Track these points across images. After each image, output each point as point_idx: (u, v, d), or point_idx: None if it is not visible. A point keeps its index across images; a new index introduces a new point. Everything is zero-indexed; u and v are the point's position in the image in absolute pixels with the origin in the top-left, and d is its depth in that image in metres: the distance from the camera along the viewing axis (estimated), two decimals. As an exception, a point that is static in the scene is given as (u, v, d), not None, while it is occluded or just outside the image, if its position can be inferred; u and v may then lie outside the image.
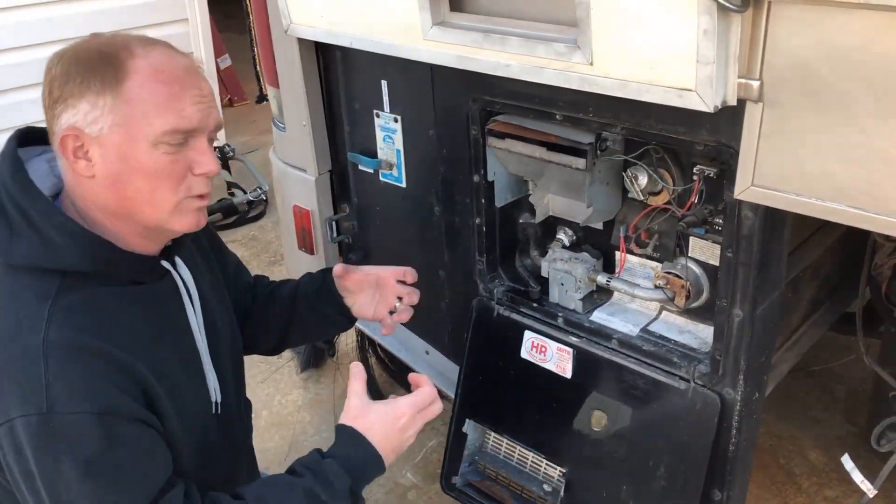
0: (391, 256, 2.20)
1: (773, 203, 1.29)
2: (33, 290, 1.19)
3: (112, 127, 1.17)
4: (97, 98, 1.16)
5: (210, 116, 1.24)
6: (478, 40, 1.51)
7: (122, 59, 1.17)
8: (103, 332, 1.20)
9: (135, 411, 1.19)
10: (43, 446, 1.13)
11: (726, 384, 1.55)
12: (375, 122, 2.00)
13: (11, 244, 1.20)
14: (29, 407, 1.12)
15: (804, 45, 1.16)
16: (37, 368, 1.13)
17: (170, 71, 1.19)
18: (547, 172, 1.69)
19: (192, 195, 1.25)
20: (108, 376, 1.17)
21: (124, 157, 1.19)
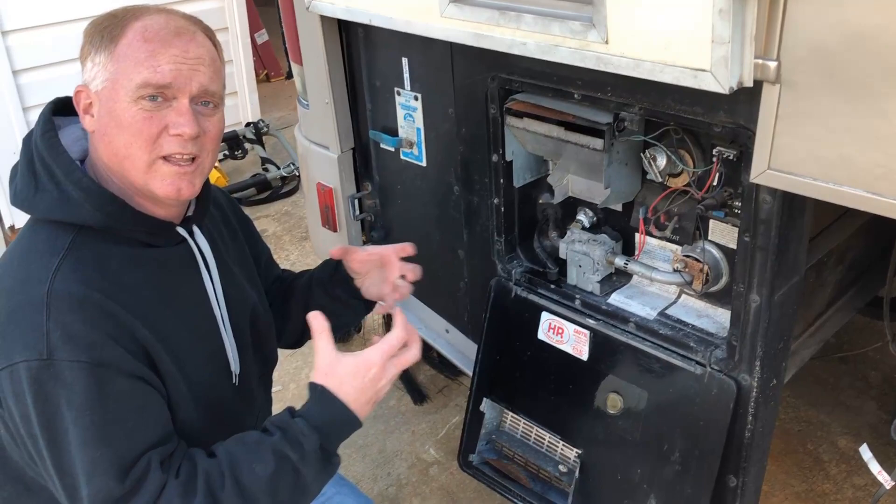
0: (412, 235, 2.20)
1: (789, 187, 1.26)
2: (48, 242, 1.26)
3: (104, 82, 1.26)
4: (96, 55, 1.26)
5: (192, 79, 1.26)
6: (494, 18, 1.49)
7: (124, 22, 1.26)
8: (107, 287, 1.24)
9: (131, 367, 1.23)
10: (41, 391, 1.18)
11: (743, 370, 1.53)
12: (396, 100, 1.99)
13: (35, 198, 1.28)
14: (31, 352, 1.17)
15: (823, 26, 1.13)
16: (39, 316, 1.18)
17: (156, 30, 1.26)
18: (565, 152, 1.67)
19: (163, 154, 1.26)
20: (107, 330, 1.21)
21: (110, 112, 1.26)
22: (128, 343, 1.23)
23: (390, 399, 2.90)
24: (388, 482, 2.57)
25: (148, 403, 1.25)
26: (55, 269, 1.22)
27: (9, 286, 1.24)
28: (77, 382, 1.18)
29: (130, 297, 1.27)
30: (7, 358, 1.19)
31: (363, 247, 1.64)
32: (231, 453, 1.28)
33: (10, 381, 1.19)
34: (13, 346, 1.19)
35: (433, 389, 2.92)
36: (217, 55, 1.34)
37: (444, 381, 2.94)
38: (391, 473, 2.61)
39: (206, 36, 1.32)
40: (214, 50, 1.33)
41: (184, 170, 1.28)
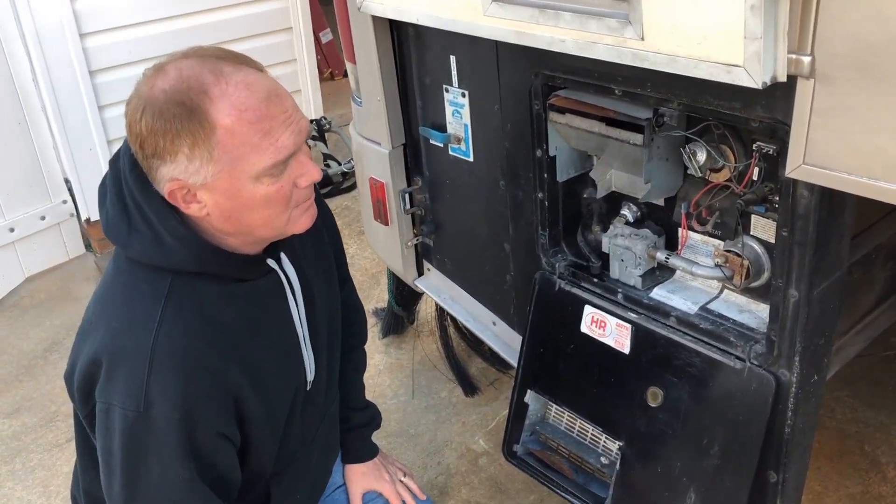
0: (460, 229, 2.25)
1: (824, 182, 1.26)
2: (148, 285, 1.31)
3: (214, 175, 1.23)
4: (191, 153, 1.21)
5: (301, 131, 1.28)
6: (534, 16, 1.52)
7: (204, 109, 1.19)
8: (206, 332, 1.32)
9: (217, 426, 1.33)
10: (132, 438, 1.28)
11: (782, 365, 1.52)
12: (444, 97, 2.04)
13: (130, 238, 1.30)
14: (129, 401, 1.26)
15: (858, 20, 1.12)
16: (142, 368, 1.26)
17: (254, 107, 1.21)
18: (607, 148, 1.69)
19: (300, 204, 1.33)
20: (202, 388, 1.30)
21: (233, 196, 1.26)
22: (220, 396, 1.33)
23: (441, 391, 2.96)
24: (437, 471, 2.63)
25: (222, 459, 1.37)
26: (160, 319, 1.28)
27: (116, 326, 1.30)
28: (169, 435, 1.27)
29: (226, 337, 1.35)
30: (106, 397, 1.28)
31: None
32: None
33: (105, 417, 1.30)
34: (115, 388, 1.28)
35: (484, 382, 2.97)
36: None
37: (496, 373, 2.98)
38: (441, 463, 2.66)
39: (266, 73, 1.30)
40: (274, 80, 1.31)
41: (309, 202, 1.36)
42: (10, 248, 3.74)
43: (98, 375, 1.29)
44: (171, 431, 1.28)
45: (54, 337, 3.50)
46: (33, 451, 2.90)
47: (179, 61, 1.24)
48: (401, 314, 3.12)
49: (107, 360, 1.28)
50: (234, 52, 1.29)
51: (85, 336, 1.35)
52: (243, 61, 1.27)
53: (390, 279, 2.99)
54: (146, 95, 1.21)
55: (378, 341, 3.23)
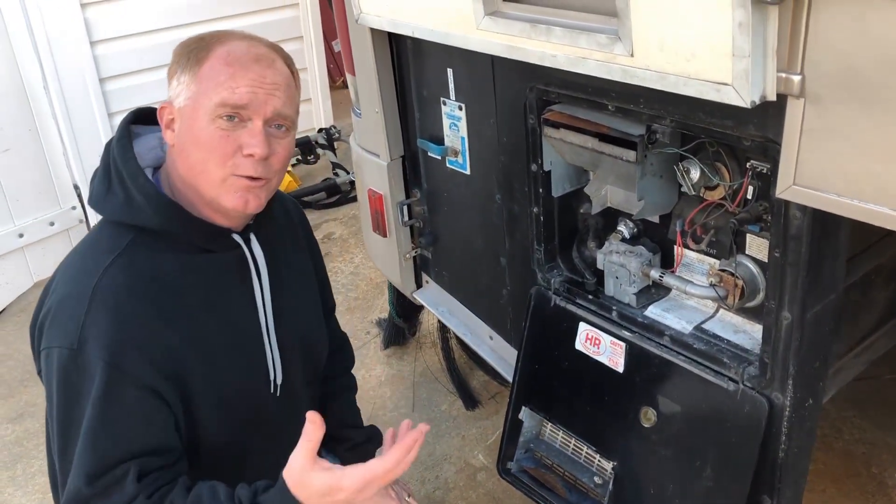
0: (457, 241, 2.23)
1: (815, 203, 1.23)
2: (109, 240, 1.37)
3: (186, 100, 1.34)
4: (182, 74, 1.35)
5: (267, 103, 1.34)
6: (526, 30, 1.50)
7: (210, 45, 1.35)
8: (152, 289, 1.35)
9: (147, 379, 1.31)
10: (66, 378, 1.29)
11: (775, 388, 1.49)
12: (442, 110, 2.03)
13: (105, 199, 1.39)
14: (65, 340, 1.28)
15: (848, 39, 1.10)
16: (81, 308, 1.29)
17: (238, 55, 1.34)
18: (602, 163, 1.67)
19: (237, 173, 1.34)
20: (135, 336, 1.31)
21: (189, 128, 1.34)
22: (154, 350, 1.32)
23: (442, 403, 2.94)
24: (435, 485, 2.61)
25: (148, 415, 1.33)
26: (107, 265, 1.33)
27: (68, 276, 1.36)
28: (95, 377, 1.27)
29: (173, 300, 1.37)
30: (48, 341, 1.31)
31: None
32: (199, 497, 1.29)
33: (46, 363, 1.32)
34: (55, 331, 1.30)
35: (485, 395, 2.95)
36: (294, 82, 1.43)
37: (497, 387, 2.96)
38: (439, 477, 2.64)
39: (284, 63, 1.41)
40: (291, 77, 1.42)
41: (253, 184, 1.36)
42: (20, 253, 3.77)
43: (42, 325, 1.34)
44: (98, 373, 1.28)
45: (60, 342, 3.51)
46: (35, 458, 2.91)
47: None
48: (402, 325, 3.10)
49: (54, 307, 1.32)
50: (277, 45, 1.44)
51: (45, 292, 1.41)
52: (280, 52, 1.42)
53: (391, 290, 2.98)
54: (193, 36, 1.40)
55: (379, 352, 3.21)
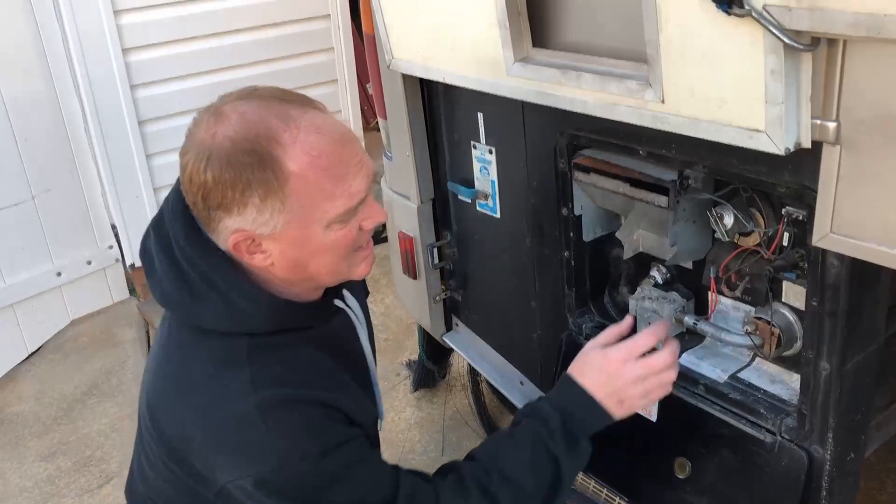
0: (488, 285, 2.22)
1: (853, 252, 1.20)
2: (226, 352, 1.23)
3: (284, 224, 1.17)
4: (263, 203, 1.14)
5: (370, 174, 1.23)
6: (556, 76, 1.50)
7: (276, 157, 1.12)
8: (305, 380, 1.26)
9: (349, 434, 1.27)
10: (284, 496, 1.21)
11: (814, 441, 1.44)
12: (472, 154, 2.03)
13: (194, 307, 1.23)
14: (260, 466, 1.19)
15: (884, 86, 1.08)
16: (257, 430, 1.19)
17: (327, 153, 1.16)
18: (634, 208, 1.65)
19: (361, 246, 1.28)
20: (322, 417, 1.24)
21: (301, 245, 1.20)
22: (339, 417, 1.27)
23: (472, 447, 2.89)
24: (464, 532, 2.55)
25: (374, 450, 1.36)
26: (251, 380, 1.21)
27: (206, 402, 1.23)
28: (318, 475, 1.22)
29: (321, 380, 1.29)
30: (236, 473, 1.21)
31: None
32: (488, 450, 1.38)
33: (243, 492, 1.22)
34: (237, 461, 1.21)
35: (516, 440, 2.90)
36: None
37: (528, 431, 2.91)
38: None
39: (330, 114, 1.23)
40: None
41: (369, 249, 1.31)
42: (57, 291, 3.83)
43: (194, 455, 1.24)
44: (318, 468, 1.20)
45: (94, 381, 3.55)
46: (66, 496, 2.92)
47: (238, 104, 1.16)
48: (432, 368, 3.08)
49: (209, 439, 1.22)
50: (294, 93, 1.22)
51: (168, 424, 1.29)
52: (306, 102, 1.21)
53: (421, 333, 2.97)
54: (209, 144, 1.13)
55: (409, 395, 3.19)
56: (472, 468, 1.35)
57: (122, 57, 3.60)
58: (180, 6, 3.72)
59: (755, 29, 1.11)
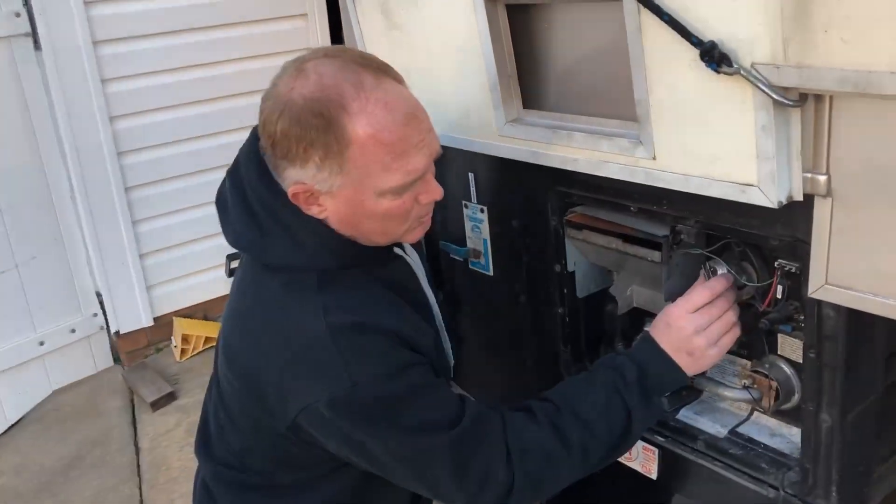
0: (482, 344, 2.21)
1: (849, 303, 1.21)
2: (296, 284, 1.30)
3: (340, 185, 1.24)
4: (322, 163, 1.21)
5: (433, 153, 1.29)
6: (547, 136, 1.53)
7: (341, 123, 1.18)
8: (371, 310, 1.31)
9: (414, 358, 1.31)
10: (358, 416, 1.26)
11: (818, 495, 1.43)
12: (464, 213, 2.05)
13: (264, 244, 1.31)
14: (334, 387, 1.23)
15: (870, 140, 1.11)
16: (330, 351, 1.24)
17: (390, 128, 1.20)
18: (626, 264, 1.66)
19: (418, 218, 1.35)
20: (389, 342, 1.29)
21: (354, 206, 1.27)
22: (404, 345, 1.31)
23: None
24: None
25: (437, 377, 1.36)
26: (322, 306, 1.27)
27: (279, 328, 1.29)
28: (389, 395, 1.26)
29: (388, 313, 1.33)
30: (302, 399, 1.26)
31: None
32: (561, 391, 1.41)
33: (315, 418, 1.26)
34: (308, 385, 1.26)
35: None
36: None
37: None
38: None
39: (406, 87, 1.28)
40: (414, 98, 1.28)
41: (427, 218, 1.38)
42: (39, 361, 3.77)
43: (282, 387, 1.28)
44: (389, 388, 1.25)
45: (77, 453, 3.46)
46: (46, 573, 2.82)
47: (321, 63, 1.22)
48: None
49: (283, 364, 1.27)
50: (376, 59, 1.27)
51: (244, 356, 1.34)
52: (385, 71, 1.25)
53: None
54: (285, 98, 1.21)
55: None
56: (543, 405, 1.38)
57: (109, 125, 3.63)
58: (167, 74, 3.77)
59: (744, 86, 1.14)
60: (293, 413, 1.27)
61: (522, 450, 1.32)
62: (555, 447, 1.34)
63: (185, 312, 4.09)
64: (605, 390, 1.37)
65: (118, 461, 3.36)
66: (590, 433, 1.35)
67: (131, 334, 3.97)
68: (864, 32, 1.00)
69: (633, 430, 1.39)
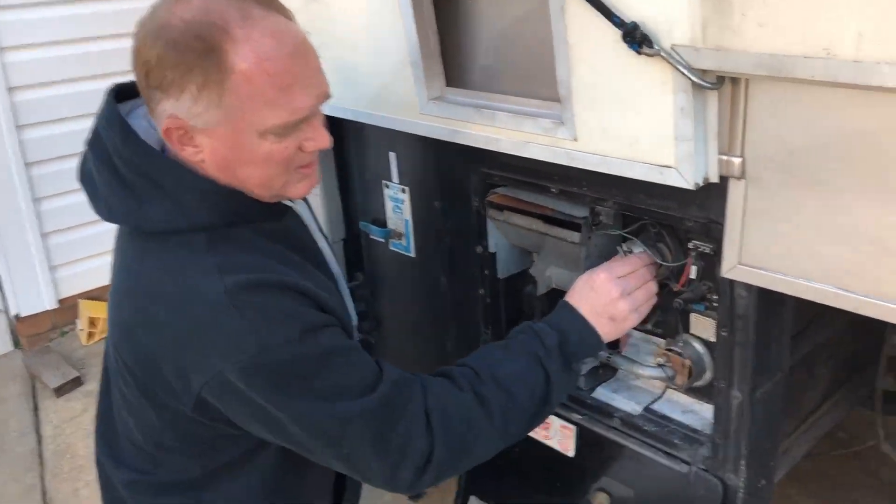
0: (402, 326, 2.19)
1: (761, 283, 1.25)
2: (186, 248, 1.20)
3: (218, 121, 1.13)
4: (199, 93, 1.11)
5: (321, 94, 1.19)
6: (470, 115, 1.52)
7: (223, 49, 1.09)
8: (271, 267, 1.21)
9: (324, 320, 1.22)
10: (267, 383, 1.16)
11: (728, 469, 1.48)
12: (385, 193, 2.02)
13: (143, 211, 1.20)
14: (238, 353, 1.14)
15: (784, 123, 1.14)
16: (231, 316, 1.14)
17: (277, 58, 1.11)
18: (546, 245, 1.67)
19: (300, 167, 1.23)
20: (295, 301, 1.20)
21: (233, 147, 1.16)
22: (311, 303, 1.22)
23: (385, 494, 2.83)
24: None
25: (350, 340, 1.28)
26: (216, 268, 1.17)
27: (177, 305, 1.18)
28: (297, 359, 1.17)
29: (286, 268, 1.24)
30: (209, 368, 1.16)
31: None
32: (480, 357, 1.36)
33: (224, 387, 1.17)
34: (212, 353, 1.16)
35: (431, 485, 2.85)
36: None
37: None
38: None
39: (296, 23, 1.18)
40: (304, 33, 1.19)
41: (311, 170, 1.26)
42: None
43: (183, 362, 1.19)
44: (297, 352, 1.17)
45: (-27, 441, 3.28)
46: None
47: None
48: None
49: (182, 337, 1.18)
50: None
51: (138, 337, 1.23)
52: (273, 6, 1.16)
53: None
54: (163, 21, 1.10)
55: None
56: (463, 371, 1.33)
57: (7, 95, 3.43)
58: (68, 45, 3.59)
59: (664, 68, 1.15)
60: (197, 388, 1.18)
61: (443, 417, 1.26)
62: (476, 414, 1.28)
63: (93, 294, 3.91)
64: (525, 356, 1.34)
65: (18, 450, 3.20)
66: (511, 400, 1.30)
67: (33, 317, 3.78)
68: (779, 17, 1.03)
69: (553, 397, 1.36)
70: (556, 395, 1.36)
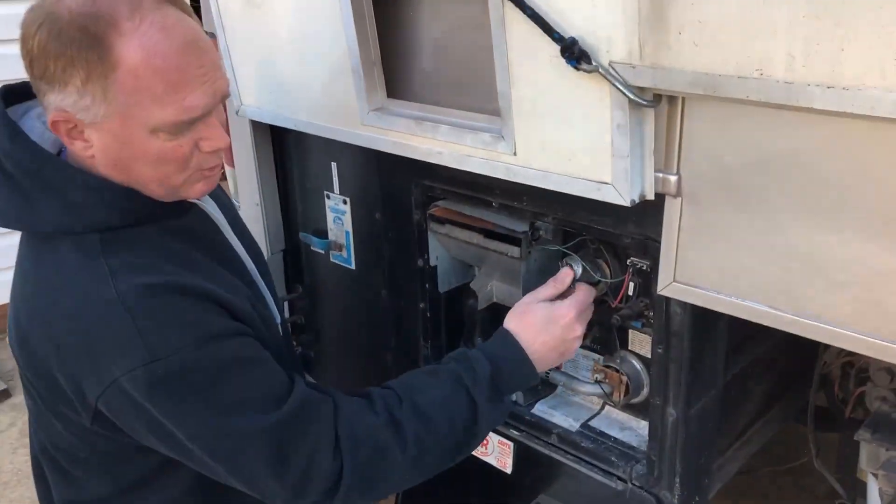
0: (341, 339, 2.16)
1: (694, 300, 1.25)
2: (78, 251, 1.14)
3: (105, 115, 1.08)
4: (84, 87, 1.06)
5: (217, 92, 1.13)
6: (411, 127, 1.50)
7: (108, 42, 1.04)
8: (171, 269, 1.15)
9: (229, 328, 1.17)
10: (160, 394, 1.10)
11: (663, 486, 1.48)
12: (326, 204, 1.99)
13: (33, 213, 1.15)
14: (131, 361, 1.09)
15: (719, 142, 1.15)
16: (123, 322, 1.09)
17: (165, 53, 1.06)
18: (487, 259, 1.66)
19: (201, 169, 1.18)
20: (196, 306, 1.14)
21: (123, 143, 1.11)
22: (213, 307, 1.16)
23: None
24: None
25: (260, 351, 1.20)
26: (108, 272, 1.12)
27: (66, 305, 1.13)
28: (193, 369, 1.11)
29: (188, 267, 1.18)
30: (106, 377, 1.10)
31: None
32: (405, 381, 1.31)
33: (121, 396, 1.11)
34: (106, 361, 1.10)
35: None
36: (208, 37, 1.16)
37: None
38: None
39: (193, 19, 1.13)
40: (205, 34, 1.15)
41: (212, 173, 1.21)
42: None
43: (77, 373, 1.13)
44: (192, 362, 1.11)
45: None
46: None
47: None
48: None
49: (74, 345, 1.12)
50: None
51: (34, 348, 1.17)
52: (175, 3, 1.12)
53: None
54: (49, 9, 1.05)
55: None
56: (383, 393, 1.27)
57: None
58: None
59: (602, 84, 1.15)
60: (93, 400, 1.13)
61: (354, 440, 1.20)
62: (389, 440, 1.22)
63: (24, 303, 3.79)
64: (451, 384, 1.28)
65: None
66: (428, 427, 1.25)
67: (-41, 326, 3.63)
68: (714, 37, 1.03)
69: (479, 429, 1.30)
70: (482, 425, 1.31)
